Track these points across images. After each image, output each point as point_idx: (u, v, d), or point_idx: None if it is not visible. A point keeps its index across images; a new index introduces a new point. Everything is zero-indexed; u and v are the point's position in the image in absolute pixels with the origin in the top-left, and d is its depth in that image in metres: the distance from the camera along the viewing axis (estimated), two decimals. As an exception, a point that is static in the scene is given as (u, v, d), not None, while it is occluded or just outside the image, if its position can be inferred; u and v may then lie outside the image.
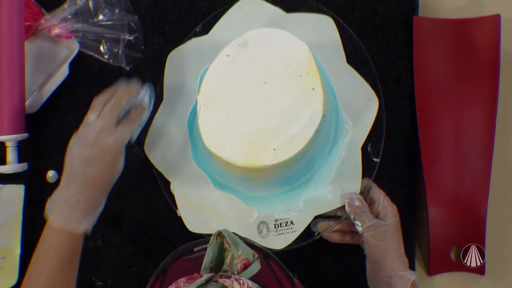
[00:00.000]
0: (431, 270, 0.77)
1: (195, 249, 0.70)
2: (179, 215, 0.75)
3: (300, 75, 0.66)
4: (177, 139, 0.75)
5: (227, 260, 0.61)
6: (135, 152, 0.78)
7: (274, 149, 0.64)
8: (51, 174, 0.78)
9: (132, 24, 0.79)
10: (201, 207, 0.74)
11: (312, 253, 0.77)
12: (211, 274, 0.59)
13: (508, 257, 0.80)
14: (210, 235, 0.73)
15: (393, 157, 0.78)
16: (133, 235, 0.79)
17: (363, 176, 0.73)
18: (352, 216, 0.69)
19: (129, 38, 0.78)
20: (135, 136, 0.68)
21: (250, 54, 0.67)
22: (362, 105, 0.74)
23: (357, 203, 0.70)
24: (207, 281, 0.53)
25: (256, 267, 0.61)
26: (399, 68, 0.79)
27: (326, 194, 0.73)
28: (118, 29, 0.78)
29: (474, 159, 0.77)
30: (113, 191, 0.77)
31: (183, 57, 0.77)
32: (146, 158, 0.77)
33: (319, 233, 0.73)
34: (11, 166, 0.74)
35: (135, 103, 0.68)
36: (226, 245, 0.62)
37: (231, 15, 0.77)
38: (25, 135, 0.74)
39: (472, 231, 0.77)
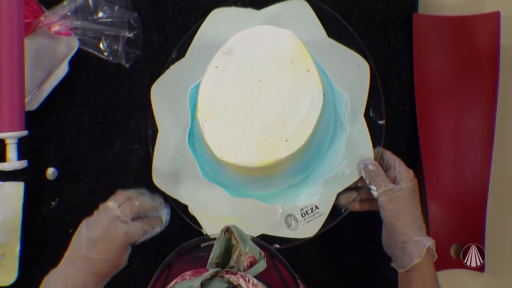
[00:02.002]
0: (431, 267, 0.77)
1: (202, 245, 0.70)
2: (205, 234, 0.75)
3: (292, 62, 0.66)
4: (182, 162, 0.75)
5: (234, 256, 0.61)
6: (135, 149, 0.79)
7: (286, 141, 0.64)
8: (50, 171, 0.78)
9: (132, 22, 0.79)
10: (223, 219, 0.74)
11: (311, 251, 0.77)
12: (217, 269, 0.59)
13: (508, 254, 0.80)
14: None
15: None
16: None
17: (373, 141, 0.73)
18: (367, 181, 0.70)
19: (129, 35, 0.78)
20: (141, 239, 0.68)
21: (238, 59, 0.67)
22: (353, 73, 0.74)
23: (371, 167, 0.70)
24: (213, 276, 0.53)
25: (262, 265, 0.61)
26: (399, 66, 0.79)
27: (342, 170, 0.73)
28: (118, 26, 0.78)
29: (474, 156, 0.77)
30: (112, 189, 0.78)
31: (166, 85, 0.77)
32: (146, 156, 0.77)
33: (346, 209, 0.73)
34: (11, 163, 0.74)
35: (154, 215, 0.70)
36: (234, 241, 0.62)
37: (205, 29, 0.77)
38: (24, 132, 0.74)
39: (472, 228, 0.77)
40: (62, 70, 0.77)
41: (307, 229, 0.73)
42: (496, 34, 0.77)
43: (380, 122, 0.74)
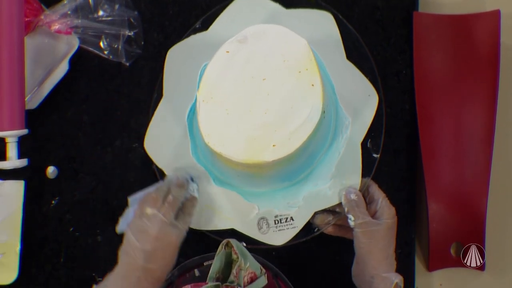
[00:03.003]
0: (431, 265, 0.77)
1: (205, 263, 0.70)
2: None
3: (299, 71, 0.65)
4: (177, 135, 0.75)
5: (234, 271, 0.61)
6: (135, 148, 0.79)
7: (274, 145, 0.63)
8: (51, 170, 0.78)
9: (132, 20, 0.79)
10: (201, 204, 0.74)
11: (308, 251, 0.77)
12: (217, 283, 0.59)
13: (508, 253, 0.80)
14: (209, 231, 0.74)
15: (393, 152, 0.78)
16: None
17: (363, 171, 0.73)
18: (346, 209, 0.69)
19: (129, 34, 0.78)
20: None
21: (249, 50, 0.67)
22: (362, 100, 0.74)
23: (353, 196, 0.69)
24: None
25: (262, 281, 0.62)
26: (399, 64, 0.79)
27: (325, 189, 0.72)
28: (118, 24, 0.78)
29: (474, 154, 0.77)
30: (112, 187, 0.78)
31: (183, 53, 0.77)
32: (146, 155, 0.77)
33: (318, 229, 0.73)
34: (11, 162, 0.74)
35: (187, 196, 0.69)
36: (234, 256, 0.63)
37: (231, 10, 0.77)
38: (25, 131, 0.74)
39: (472, 227, 0.77)
40: (62, 68, 0.77)
41: (276, 237, 0.73)
42: (496, 32, 0.77)
43: (375, 155, 0.74)
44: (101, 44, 0.78)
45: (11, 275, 0.74)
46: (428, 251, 0.77)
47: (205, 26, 0.77)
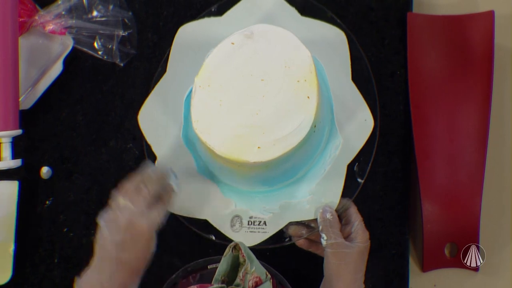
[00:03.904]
0: (425, 266, 0.77)
1: (209, 267, 0.71)
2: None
3: (298, 81, 0.65)
4: (172, 114, 0.75)
5: (240, 274, 0.61)
6: (129, 148, 0.79)
7: (258, 148, 0.63)
8: (45, 170, 0.78)
9: (126, 20, 0.79)
10: (181, 187, 0.74)
11: (309, 255, 0.77)
12: (222, 285, 0.59)
13: (502, 253, 0.80)
14: (183, 217, 0.73)
15: (387, 153, 0.78)
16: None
17: (345, 193, 0.72)
18: (320, 228, 0.68)
19: (123, 34, 0.78)
20: (165, 218, 0.67)
21: (254, 47, 0.66)
22: (357, 124, 0.73)
23: (328, 216, 0.69)
24: None
25: (267, 287, 0.61)
26: (393, 64, 0.79)
27: (304, 203, 0.72)
28: (112, 25, 0.78)
29: (468, 155, 0.77)
30: (107, 188, 0.78)
31: (193, 33, 0.76)
32: (140, 156, 0.77)
33: (289, 239, 0.73)
34: (5, 162, 0.74)
35: (164, 187, 0.67)
36: (241, 259, 0.63)
37: (249, 2, 0.76)
38: (19, 131, 0.74)
39: (466, 227, 0.77)
40: (57, 69, 0.77)
41: (247, 238, 0.73)
42: (490, 33, 0.77)
43: (360, 180, 0.73)
44: (95, 44, 0.78)
45: (5, 276, 0.74)
46: (422, 251, 0.77)
47: (220, 12, 0.77)
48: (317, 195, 0.72)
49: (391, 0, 0.80)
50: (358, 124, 0.73)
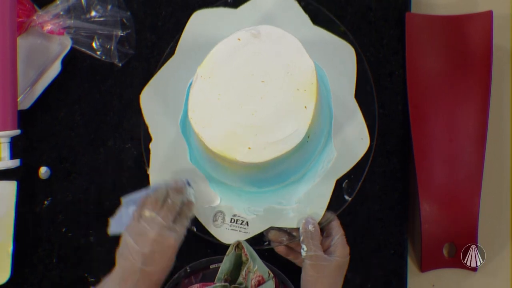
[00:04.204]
0: (424, 266, 0.77)
1: (211, 266, 0.71)
2: (148, 173, 0.75)
3: (298, 89, 0.64)
4: (173, 98, 0.75)
5: (243, 273, 0.61)
6: (128, 148, 0.79)
7: (249, 148, 0.63)
8: (43, 171, 0.78)
9: (125, 20, 0.79)
10: (171, 172, 0.74)
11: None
12: (225, 283, 0.60)
13: (501, 253, 0.80)
14: None
15: (386, 153, 0.78)
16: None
17: (332, 208, 0.72)
18: (301, 238, 0.69)
19: (122, 34, 0.78)
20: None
21: (259, 48, 0.66)
22: (353, 141, 0.73)
23: (311, 227, 0.69)
24: None
25: (270, 286, 0.62)
26: (392, 65, 0.79)
27: (288, 210, 0.72)
28: (111, 25, 0.78)
29: (467, 155, 0.77)
30: (105, 188, 0.78)
31: (206, 21, 0.76)
32: (138, 155, 0.77)
33: (268, 243, 0.73)
34: (4, 162, 0.73)
35: (184, 200, 0.69)
36: (244, 258, 0.63)
37: (264, 1, 0.76)
38: (17, 131, 0.74)
39: (465, 227, 0.77)
40: (55, 69, 0.77)
41: (225, 235, 0.73)
42: (489, 33, 0.77)
43: (347, 197, 0.73)
44: (94, 44, 0.78)
45: (4, 276, 0.74)
46: (420, 251, 0.77)
47: (235, 4, 0.77)
48: (302, 204, 0.72)
49: (390, 0, 0.80)
50: (355, 141, 0.73)
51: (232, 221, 0.73)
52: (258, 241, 0.73)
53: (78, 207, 0.78)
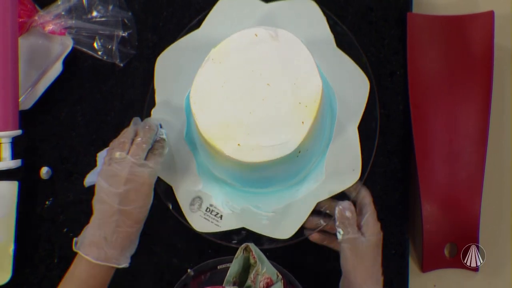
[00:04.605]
0: (425, 266, 0.77)
1: (219, 267, 0.71)
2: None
3: (300, 103, 0.64)
4: (187, 69, 0.73)
5: (251, 275, 0.61)
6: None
7: (238, 145, 0.63)
8: (44, 171, 0.78)
9: (126, 21, 0.79)
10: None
11: (306, 250, 0.77)
12: (234, 287, 0.60)
13: (502, 254, 0.80)
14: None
15: (387, 153, 0.78)
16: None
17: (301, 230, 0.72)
18: (337, 223, 0.68)
19: (123, 34, 0.78)
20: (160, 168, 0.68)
21: (273, 50, 0.66)
22: (344, 170, 0.72)
23: (348, 214, 0.68)
24: None
25: (278, 287, 0.61)
26: (392, 65, 0.79)
27: (263, 216, 0.72)
28: (112, 25, 0.78)
29: (468, 155, 0.77)
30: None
31: (235, 7, 0.76)
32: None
33: (237, 241, 0.72)
34: (5, 162, 0.74)
35: (155, 138, 0.68)
36: (252, 260, 0.63)
37: (296, 4, 0.76)
38: (18, 132, 0.74)
39: (466, 228, 0.77)
40: (56, 69, 0.77)
41: (198, 222, 0.73)
42: (490, 33, 0.77)
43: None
44: (95, 45, 0.78)
45: (5, 276, 0.74)
46: (422, 251, 0.77)
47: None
48: (278, 215, 0.72)
49: (391, 0, 0.80)
50: (346, 170, 0.72)
51: (208, 210, 0.73)
52: (226, 237, 0.73)
53: (79, 207, 0.78)
